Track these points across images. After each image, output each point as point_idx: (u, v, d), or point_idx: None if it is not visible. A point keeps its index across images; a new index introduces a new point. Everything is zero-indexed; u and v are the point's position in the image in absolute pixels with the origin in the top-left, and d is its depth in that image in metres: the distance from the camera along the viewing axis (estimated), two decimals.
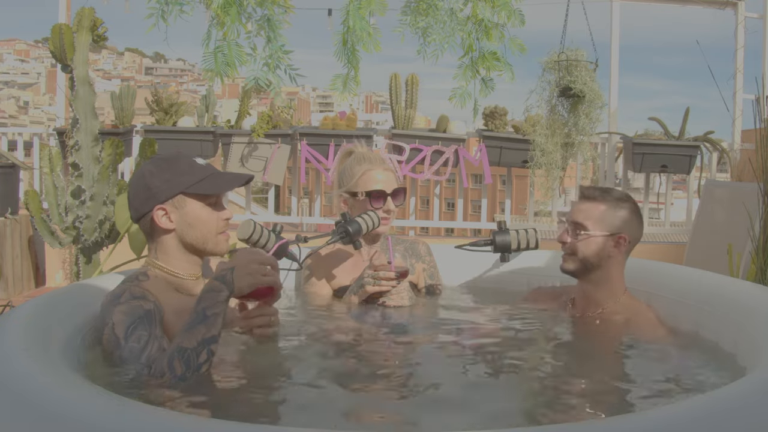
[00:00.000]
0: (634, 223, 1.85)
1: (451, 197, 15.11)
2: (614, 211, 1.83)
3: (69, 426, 0.93)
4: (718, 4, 5.16)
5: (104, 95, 10.28)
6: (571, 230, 1.87)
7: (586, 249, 1.83)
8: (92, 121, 3.03)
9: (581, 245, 1.84)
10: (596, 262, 1.84)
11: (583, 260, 1.85)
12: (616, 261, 1.86)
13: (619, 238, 1.83)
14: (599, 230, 1.83)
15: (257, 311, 1.55)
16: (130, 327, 1.42)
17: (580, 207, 1.88)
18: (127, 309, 1.46)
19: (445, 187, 5.36)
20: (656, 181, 5.28)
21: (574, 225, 1.87)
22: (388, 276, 1.97)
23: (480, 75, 2.34)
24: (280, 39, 2.15)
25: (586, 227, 1.84)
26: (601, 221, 1.83)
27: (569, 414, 1.29)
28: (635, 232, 1.86)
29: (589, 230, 1.83)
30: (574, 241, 1.85)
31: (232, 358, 1.52)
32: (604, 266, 1.84)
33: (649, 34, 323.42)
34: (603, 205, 1.84)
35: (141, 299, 1.49)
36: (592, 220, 1.84)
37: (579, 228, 1.85)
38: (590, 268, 1.85)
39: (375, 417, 1.27)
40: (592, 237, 1.83)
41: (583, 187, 1.94)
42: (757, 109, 3.25)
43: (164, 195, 1.56)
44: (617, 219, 1.83)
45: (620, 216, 1.83)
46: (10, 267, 4.57)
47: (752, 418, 0.97)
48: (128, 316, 1.44)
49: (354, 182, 2.14)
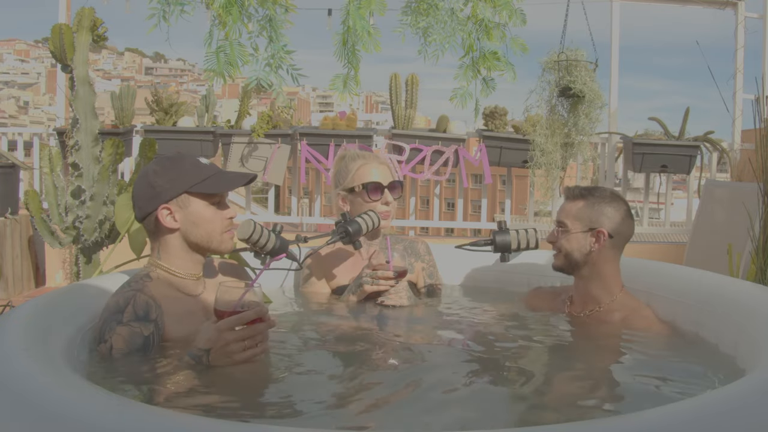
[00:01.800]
0: (615, 217, 1.90)
1: (451, 197, 15.11)
2: (592, 207, 1.90)
3: (69, 426, 0.93)
4: (718, 4, 5.16)
5: (104, 95, 10.28)
6: (556, 229, 1.96)
7: (568, 245, 1.91)
8: (92, 121, 3.03)
9: (564, 242, 1.92)
10: (580, 258, 1.90)
11: (566, 256, 1.92)
12: (603, 257, 1.90)
13: (597, 233, 1.88)
14: (578, 227, 1.90)
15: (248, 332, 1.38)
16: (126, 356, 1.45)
17: (562, 206, 1.98)
18: (127, 335, 1.47)
19: (445, 187, 5.36)
20: (656, 181, 5.27)
21: (557, 224, 1.96)
22: (386, 275, 1.98)
23: (481, 75, 2.34)
24: (282, 39, 2.15)
25: (566, 224, 1.92)
26: (579, 218, 1.91)
27: (568, 414, 1.29)
28: (619, 227, 1.90)
29: (569, 227, 1.91)
30: (559, 239, 1.94)
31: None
32: (590, 262, 1.90)
33: (649, 34, 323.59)
34: (582, 202, 1.92)
35: (143, 321, 1.49)
36: (571, 218, 1.92)
37: (561, 226, 1.94)
38: (576, 264, 1.92)
39: (374, 416, 1.27)
40: (572, 233, 1.91)
41: (566, 187, 2.04)
42: (757, 109, 3.26)
43: (169, 194, 1.57)
44: (595, 214, 1.89)
45: (599, 211, 1.89)
46: (10, 267, 4.57)
47: (752, 419, 0.97)
48: (127, 344, 1.46)
49: (350, 178, 2.15)
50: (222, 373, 1.37)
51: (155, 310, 1.52)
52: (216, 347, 1.35)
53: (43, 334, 1.34)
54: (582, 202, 1.92)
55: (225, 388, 1.36)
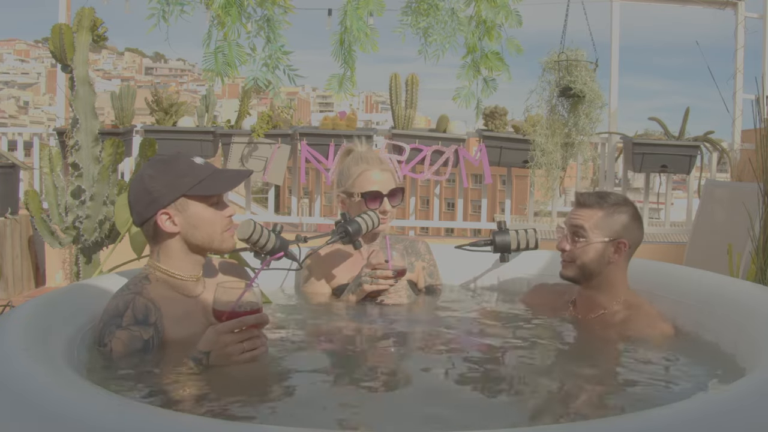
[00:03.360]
0: (633, 227, 1.84)
1: (451, 197, 15.09)
2: (612, 216, 1.82)
3: (69, 426, 0.93)
4: (718, 4, 5.16)
5: (104, 95, 10.27)
6: (570, 237, 1.86)
7: (585, 256, 1.82)
8: (92, 121, 3.03)
9: (580, 252, 1.83)
10: (596, 269, 1.83)
11: (582, 267, 1.84)
12: (617, 266, 1.84)
13: (619, 243, 1.81)
14: (598, 237, 1.81)
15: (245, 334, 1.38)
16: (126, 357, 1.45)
17: (577, 213, 1.86)
18: (127, 339, 1.47)
19: (445, 187, 5.36)
20: (656, 181, 5.27)
21: (572, 232, 1.85)
22: (385, 275, 1.98)
23: (482, 75, 2.34)
24: (280, 39, 2.15)
25: (584, 234, 1.82)
26: (600, 227, 1.82)
27: (568, 414, 1.29)
28: (635, 235, 1.85)
29: (588, 237, 1.82)
30: (573, 249, 1.84)
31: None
32: (604, 272, 1.83)
33: (649, 34, 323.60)
34: (601, 211, 1.83)
35: (142, 325, 1.50)
36: (591, 227, 1.82)
37: (577, 235, 1.84)
38: (590, 275, 1.84)
39: (374, 416, 1.27)
40: (591, 244, 1.81)
41: (579, 193, 1.91)
42: (757, 109, 3.25)
43: (166, 199, 1.55)
44: (616, 224, 1.82)
45: (619, 221, 1.82)
46: (10, 267, 4.57)
47: (752, 419, 0.97)
48: (126, 348, 1.46)
49: (351, 183, 2.14)
50: (222, 373, 1.37)
51: (154, 314, 1.52)
52: (215, 349, 1.36)
53: (43, 334, 1.34)
54: (601, 211, 1.82)
55: (225, 388, 1.36)
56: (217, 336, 1.36)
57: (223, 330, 1.35)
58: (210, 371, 1.36)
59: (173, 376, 1.40)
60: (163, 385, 1.37)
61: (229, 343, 1.35)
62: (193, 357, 1.38)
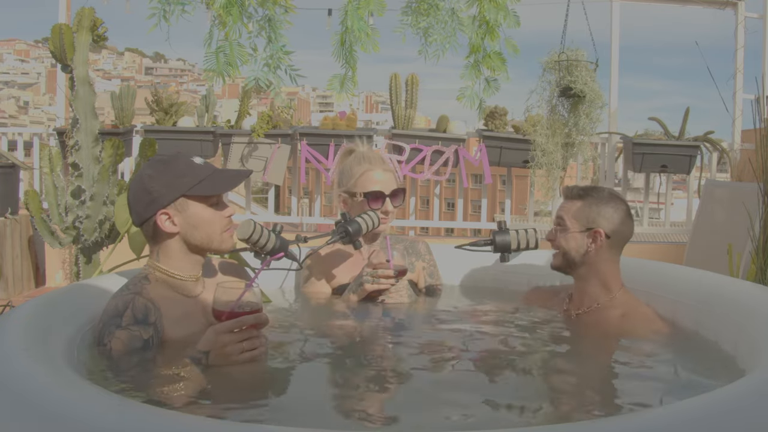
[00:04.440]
0: (615, 219, 1.90)
1: (451, 197, 15.10)
2: (590, 207, 1.90)
3: (69, 426, 0.93)
4: (718, 4, 5.16)
5: (104, 95, 10.27)
6: (555, 227, 1.97)
7: (565, 244, 1.92)
8: (92, 121, 3.03)
9: (562, 241, 1.93)
10: (577, 258, 1.91)
11: (564, 255, 1.93)
12: (601, 256, 1.90)
13: (594, 233, 1.88)
14: (576, 226, 1.91)
15: (245, 334, 1.38)
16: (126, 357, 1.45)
17: (561, 205, 1.98)
18: (127, 339, 1.47)
19: (445, 187, 5.36)
20: (656, 181, 5.27)
21: (556, 223, 1.97)
22: (386, 274, 1.98)
23: (483, 75, 2.34)
24: (281, 39, 2.15)
25: (564, 223, 1.93)
26: (577, 218, 1.91)
27: (568, 414, 1.29)
28: (617, 227, 1.90)
29: (567, 226, 1.92)
30: (556, 238, 1.95)
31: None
32: (587, 262, 1.91)
33: (649, 34, 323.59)
34: (580, 201, 1.92)
35: (142, 325, 1.50)
36: (569, 217, 1.92)
37: (559, 225, 1.95)
38: (573, 264, 1.93)
39: (374, 416, 1.27)
40: (569, 233, 1.91)
41: (565, 186, 2.02)
42: (757, 109, 3.26)
43: (166, 199, 1.55)
44: (593, 214, 1.90)
45: (597, 211, 1.89)
46: (10, 267, 4.57)
47: (752, 419, 0.97)
48: (126, 348, 1.46)
49: (353, 182, 2.15)
50: (221, 373, 1.37)
51: (154, 313, 1.52)
52: (214, 349, 1.36)
53: (43, 334, 1.34)
54: (580, 202, 1.92)
55: (225, 388, 1.36)
56: (216, 336, 1.36)
57: (222, 330, 1.36)
58: (209, 371, 1.36)
59: (173, 376, 1.40)
60: (163, 385, 1.37)
61: (228, 343, 1.35)
62: (192, 357, 1.38)
